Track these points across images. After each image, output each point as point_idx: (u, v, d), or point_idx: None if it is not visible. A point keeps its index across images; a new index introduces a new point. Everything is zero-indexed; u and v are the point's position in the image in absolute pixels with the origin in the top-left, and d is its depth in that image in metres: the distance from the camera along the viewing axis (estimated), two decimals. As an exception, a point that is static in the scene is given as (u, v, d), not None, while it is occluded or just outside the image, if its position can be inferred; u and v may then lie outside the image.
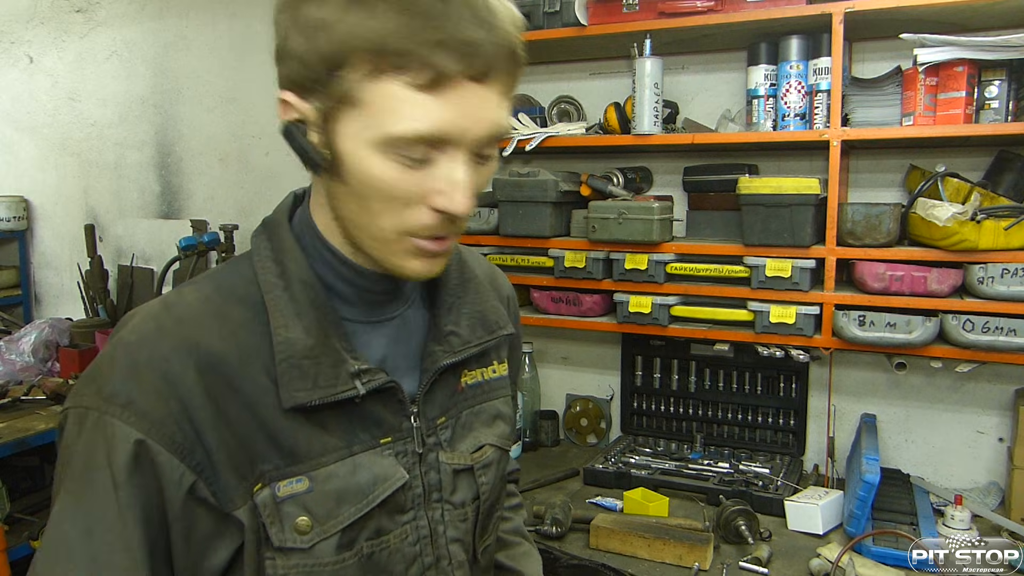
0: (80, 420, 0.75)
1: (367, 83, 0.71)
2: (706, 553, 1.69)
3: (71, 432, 0.75)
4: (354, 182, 0.75)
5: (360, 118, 0.73)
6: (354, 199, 0.76)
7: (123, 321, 0.81)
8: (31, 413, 2.78)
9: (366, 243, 0.80)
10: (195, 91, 3.30)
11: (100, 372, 0.76)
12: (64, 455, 0.76)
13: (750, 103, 2.05)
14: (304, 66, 0.78)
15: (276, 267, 0.83)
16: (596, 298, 2.17)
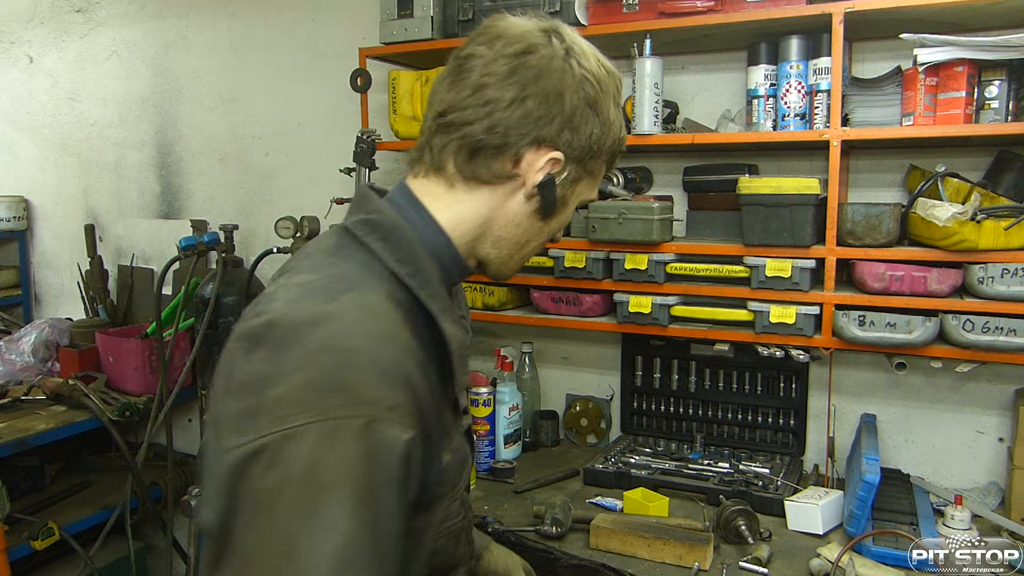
0: (335, 431, 0.74)
1: (601, 163, 1.04)
2: (706, 553, 1.69)
3: (319, 444, 0.73)
4: (555, 223, 1.05)
5: (588, 184, 1.05)
6: (539, 231, 1.04)
7: (309, 323, 0.80)
8: (31, 413, 2.78)
9: (513, 259, 1.05)
10: (195, 91, 3.30)
11: (345, 384, 0.76)
12: (319, 463, 0.73)
13: (750, 103, 2.05)
14: (591, 146, 0.99)
15: (408, 268, 0.92)
16: (596, 298, 2.17)
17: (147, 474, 2.88)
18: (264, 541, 0.74)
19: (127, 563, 2.90)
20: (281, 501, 0.73)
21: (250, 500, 0.75)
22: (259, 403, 0.77)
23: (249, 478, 0.75)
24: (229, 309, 2.77)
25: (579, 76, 0.95)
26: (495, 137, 0.94)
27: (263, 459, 0.74)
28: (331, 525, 0.73)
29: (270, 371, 0.78)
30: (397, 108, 2.39)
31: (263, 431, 0.75)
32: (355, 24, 2.81)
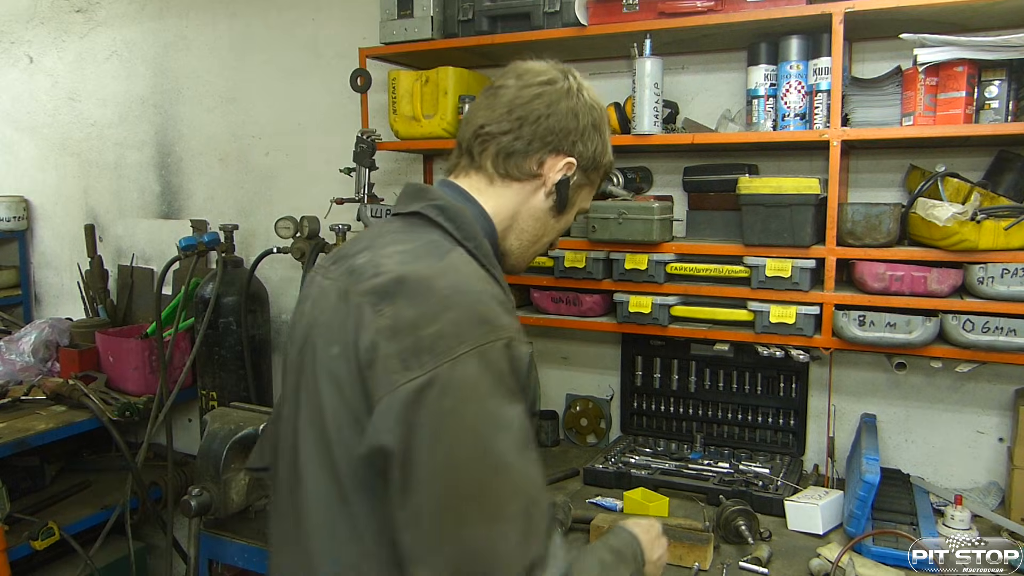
0: (487, 352, 0.96)
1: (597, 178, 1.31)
2: (706, 553, 1.69)
3: (479, 365, 0.95)
4: (563, 221, 1.30)
5: (588, 192, 1.32)
6: (552, 227, 1.29)
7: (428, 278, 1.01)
8: (31, 413, 2.78)
9: (530, 250, 1.29)
10: (195, 91, 3.30)
11: (481, 315, 0.99)
12: (483, 379, 0.95)
13: (750, 103, 2.05)
14: (595, 159, 1.26)
15: (472, 243, 1.13)
16: (596, 298, 2.17)
17: (147, 474, 2.88)
18: (458, 449, 0.93)
19: (127, 563, 2.90)
20: (463, 414, 0.93)
21: (430, 423, 0.92)
22: (417, 342, 0.95)
23: (425, 406, 0.92)
24: (229, 309, 2.77)
25: (588, 103, 1.24)
26: (525, 144, 1.20)
27: (435, 388, 0.92)
28: (507, 423, 0.95)
29: (417, 315, 0.97)
30: (397, 108, 2.39)
31: (430, 365, 0.93)
32: (355, 24, 2.81)
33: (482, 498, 0.92)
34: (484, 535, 0.92)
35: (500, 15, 2.24)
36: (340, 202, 2.52)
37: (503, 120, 1.20)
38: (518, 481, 0.95)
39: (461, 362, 0.94)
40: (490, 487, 0.93)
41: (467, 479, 0.92)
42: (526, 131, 1.19)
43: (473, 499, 0.92)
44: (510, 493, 0.94)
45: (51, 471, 3.06)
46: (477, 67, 2.49)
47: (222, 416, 1.94)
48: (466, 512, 0.92)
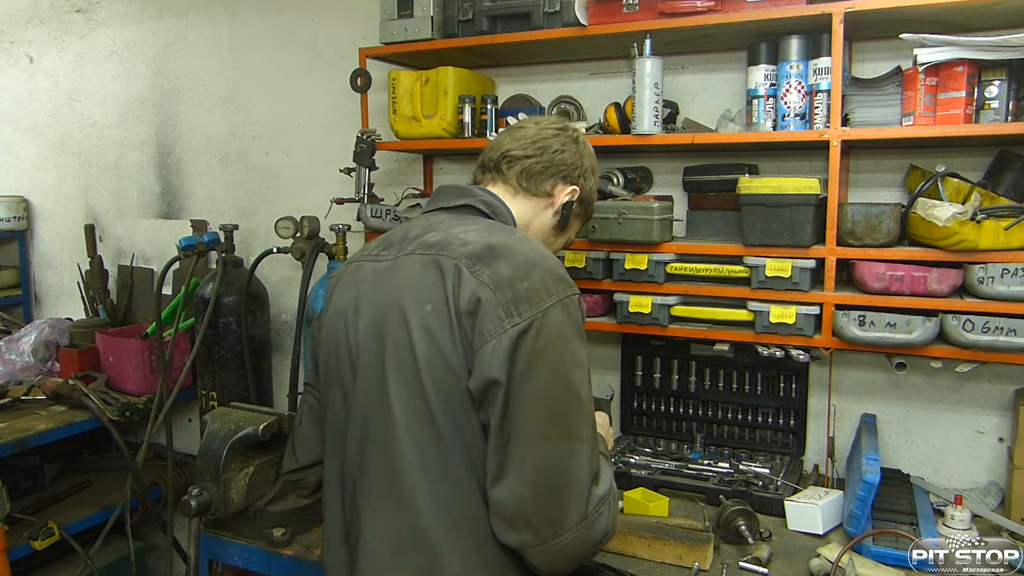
0: (567, 304, 1.23)
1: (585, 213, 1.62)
2: (706, 553, 1.69)
3: (562, 314, 1.21)
4: (560, 240, 1.58)
5: (578, 223, 1.62)
6: (551, 242, 1.56)
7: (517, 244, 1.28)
8: (31, 413, 2.78)
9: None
10: (195, 91, 3.30)
11: (559, 275, 1.26)
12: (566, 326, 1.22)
13: (750, 103, 2.05)
14: (590, 195, 1.58)
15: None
16: (596, 298, 2.17)
17: (147, 474, 2.88)
18: (545, 379, 1.17)
19: (127, 563, 2.90)
20: (551, 353, 1.18)
21: (530, 359, 1.17)
22: (516, 295, 1.20)
23: (524, 344, 1.17)
24: (229, 309, 2.77)
25: (590, 151, 1.58)
26: (543, 168, 1.49)
27: (533, 331, 1.18)
28: (580, 360, 1.23)
29: (512, 274, 1.22)
30: (397, 108, 2.39)
31: (528, 313, 1.19)
32: (355, 24, 2.81)
33: (563, 421, 1.18)
34: (562, 450, 1.17)
35: (500, 15, 2.24)
36: (340, 202, 2.52)
37: (527, 148, 1.49)
38: (588, 410, 1.22)
39: (551, 311, 1.20)
40: (570, 412, 1.19)
41: (554, 405, 1.17)
42: (545, 159, 1.49)
43: (556, 421, 1.17)
44: (583, 418, 1.21)
45: (51, 471, 3.06)
46: (477, 67, 2.49)
47: (222, 416, 1.94)
48: (550, 431, 1.17)
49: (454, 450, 1.22)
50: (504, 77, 2.58)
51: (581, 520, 1.18)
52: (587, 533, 1.19)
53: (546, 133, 1.52)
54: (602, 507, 1.20)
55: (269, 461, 1.95)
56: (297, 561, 1.85)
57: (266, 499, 1.92)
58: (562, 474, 1.17)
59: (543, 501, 1.16)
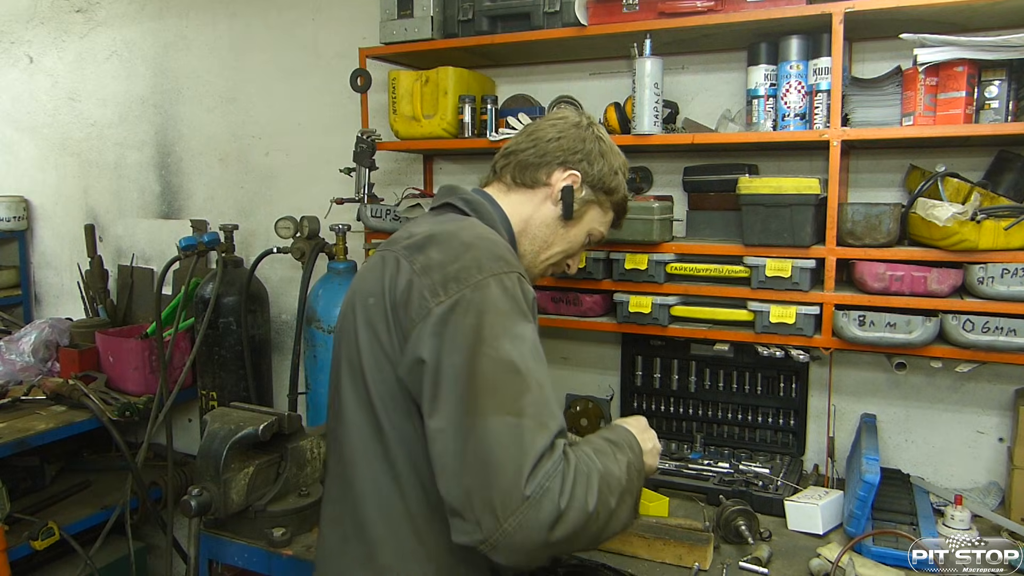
0: (503, 279, 1.17)
1: (610, 207, 1.53)
2: (706, 553, 1.69)
3: (496, 288, 1.16)
4: (571, 233, 1.49)
5: (598, 214, 1.52)
6: (560, 237, 1.48)
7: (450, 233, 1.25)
8: (31, 413, 2.78)
9: (540, 256, 1.48)
10: (195, 91, 3.30)
11: (498, 254, 1.21)
12: (501, 299, 1.15)
13: (750, 103, 2.05)
14: (599, 179, 1.47)
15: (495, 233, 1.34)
16: (596, 298, 2.17)
17: (147, 474, 2.88)
18: (474, 353, 1.10)
19: (127, 563, 2.90)
20: (481, 326, 1.12)
21: (456, 335, 1.12)
22: (445, 275, 1.17)
23: (452, 322, 1.13)
24: (229, 309, 2.77)
25: (596, 135, 1.48)
26: (538, 158, 1.44)
27: (461, 306, 1.13)
28: (521, 334, 1.15)
29: (445, 257, 1.19)
30: (397, 108, 2.39)
31: (456, 290, 1.15)
32: (355, 24, 2.81)
33: (498, 393, 1.09)
34: (496, 425, 1.07)
35: (500, 15, 2.24)
36: (340, 202, 2.52)
37: (523, 142, 1.47)
38: (530, 383, 1.12)
39: (482, 285, 1.15)
40: (505, 384, 1.10)
41: (486, 378, 1.09)
42: (539, 148, 1.44)
43: (490, 394, 1.08)
44: (522, 390, 1.10)
45: (51, 471, 3.06)
46: (477, 67, 2.49)
47: (222, 416, 1.94)
48: (485, 405, 1.08)
49: (395, 443, 1.22)
50: (504, 77, 2.58)
51: (522, 502, 1.03)
52: (534, 516, 1.03)
53: (545, 124, 1.48)
54: (549, 483, 1.05)
55: (269, 461, 1.95)
56: (297, 561, 1.85)
57: (266, 499, 1.92)
58: (497, 450, 1.06)
59: (480, 485, 1.05)
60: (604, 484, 1.13)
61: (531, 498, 1.04)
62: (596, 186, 1.47)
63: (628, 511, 1.20)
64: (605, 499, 1.12)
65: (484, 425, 1.07)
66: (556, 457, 1.08)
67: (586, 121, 1.49)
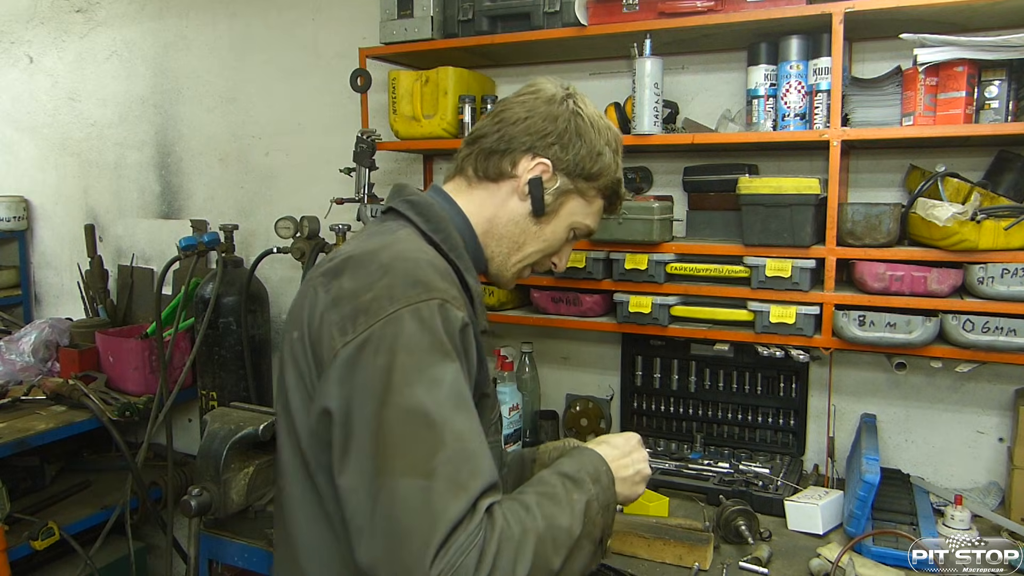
0: (419, 310, 0.99)
1: (596, 194, 1.30)
2: (706, 553, 1.69)
3: (411, 321, 0.98)
4: (547, 230, 1.28)
5: (579, 206, 1.29)
6: (535, 236, 1.28)
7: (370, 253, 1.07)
8: (31, 413, 2.78)
9: (510, 258, 1.28)
10: (195, 91, 3.30)
11: (416, 278, 1.03)
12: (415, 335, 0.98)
13: (750, 103, 2.05)
14: (576, 164, 1.24)
15: (440, 235, 1.17)
16: (596, 298, 2.17)
17: (147, 474, 2.88)
18: (388, 405, 0.94)
19: (127, 563, 2.90)
20: (395, 370, 0.95)
21: (365, 380, 0.96)
22: (355, 308, 1.00)
23: (363, 364, 0.97)
24: (229, 309, 2.77)
25: (572, 110, 1.24)
26: (502, 144, 1.23)
27: (371, 346, 0.97)
28: (438, 376, 0.97)
29: (358, 285, 1.02)
30: (397, 108, 2.39)
31: (365, 326, 0.98)
32: (355, 24, 2.81)
33: (408, 451, 0.93)
34: (408, 488, 0.91)
35: (500, 15, 2.24)
36: (340, 202, 2.52)
37: (487, 125, 1.26)
38: (445, 437, 0.94)
39: (393, 319, 0.98)
40: (415, 440, 0.93)
41: (394, 432, 0.94)
42: (503, 132, 1.23)
43: (399, 451, 0.93)
44: (435, 446, 0.93)
45: (51, 471, 3.06)
46: (477, 67, 2.49)
47: (222, 416, 1.94)
48: (393, 464, 0.92)
49: (329, 495, 1.06)
50: (504, 77, 2.58)
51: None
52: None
53: (513, 101, 1.26)
54: (463, 559, 0.89)
55: (269, 461, 1.95)
56: (297, 561, 1.85)
57: (266, 499, 1.92)
58: (404, 518, 0.91)
59: (387, 558, 0.91)
60: (543, 545, 0.97)
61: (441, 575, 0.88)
62: (573, 173, 1.25)
63: (584, 559, 1.05)
64: (544, 562, 0.97)
65: (392, 488, 0.92)
66: (474, 526, 0.91)
67: (562, 93, 1.25)
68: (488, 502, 0.94)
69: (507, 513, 0.96)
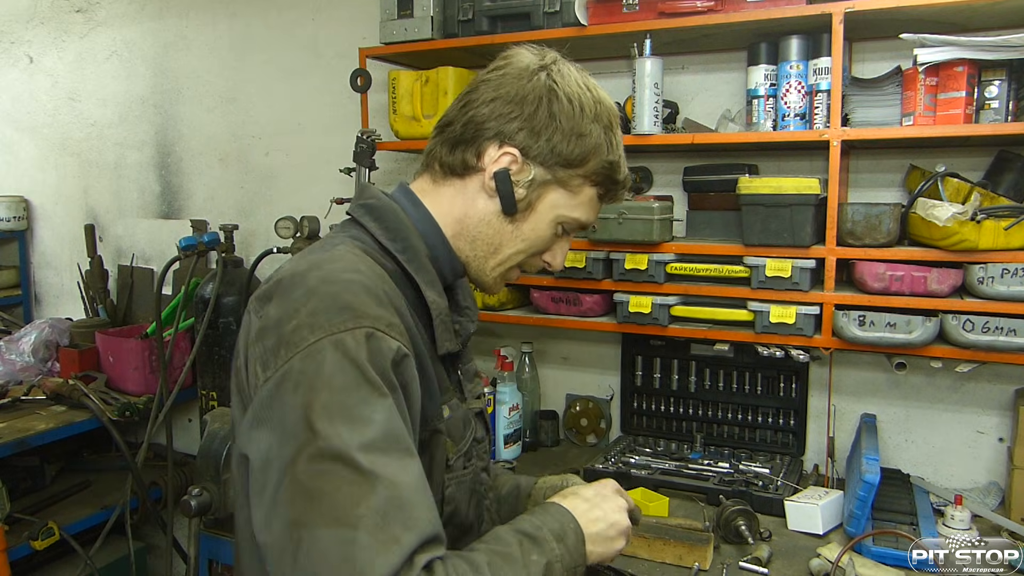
0: (343, 341, 0.86)
1: (583, 182, 1.09)
2: (706, 553, 1.69)
3: (334, 353, 0.86)
4: (526, 228, 1.09)
5: (562, 198, 1.09)
6: (512, 236, 1.10)
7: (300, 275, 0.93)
8: (31, 413, 2.78)
9: (488, 262, 1.11)
10: (195, 91, 3.30)
11: (343, 303, 0.89)
12: (338, 370, 0.85)
13: (750, 103, 2.05)
14: (551, 150, 1.05)
15: (398, 244, 1.05)
16: (596, 298, 2.17)
17: (147, 474, 2.88)
18: (306, 448, 0.82)
19: (127, 563, 2.90)
20: (314, 408, 0.83)
21: (285, 424, 0.84)
22: (278, 339, 0.89)
23: (279, 405, 0.86)
24: (229, 309, 2.77)
25: (546, 86, 1.04)
26: (467, 131, 1.06)
27: (289, 382, 0.86)
28: (365, 416, 0.84)
29: (282, 313, 0.90)
30: (397, 108, 2.39)
31: (284, 358, 0.87)
32: (355, 24, 2.81)
33: (328, 499, 0.81)
34: (329, 540, 0.80)
35: (500, 15, 2.25)
36: (340, 202, 2.52)
37: (453, 109, 1.09)
38: (375, 482, 0.82)
39: (313, 351, 0.86)
40: (337, 486, 0.81)
41: (317, 480, 0.82)
42: (468, 116, 1.06)
43: (318, 500, 0.81)
44: (362, 493, 0.81)
45: (51, 471, 3.06)
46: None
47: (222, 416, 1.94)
48: (312, 515, 0.81)
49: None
50: (504, 77, 2.58)
51: None
52: None
53: (483, 78, 1.08)
54: None
55: (269, 461, 1.95)
56: (297, 561, 1.85)
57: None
58: (324, 574, 0.80)
59: None
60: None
61: None
62: (549, 161, 1.05)
63: None
64: None
65: (312, 540, 0.81)
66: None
67: (536, 64, 1.06)
68: (427, 558, 0.82)
69: (451, 571, 0.84)
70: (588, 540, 1.03)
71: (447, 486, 1.07)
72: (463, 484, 1.10)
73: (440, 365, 1.08)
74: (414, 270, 1.04)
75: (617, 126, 1.11)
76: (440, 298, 1.07)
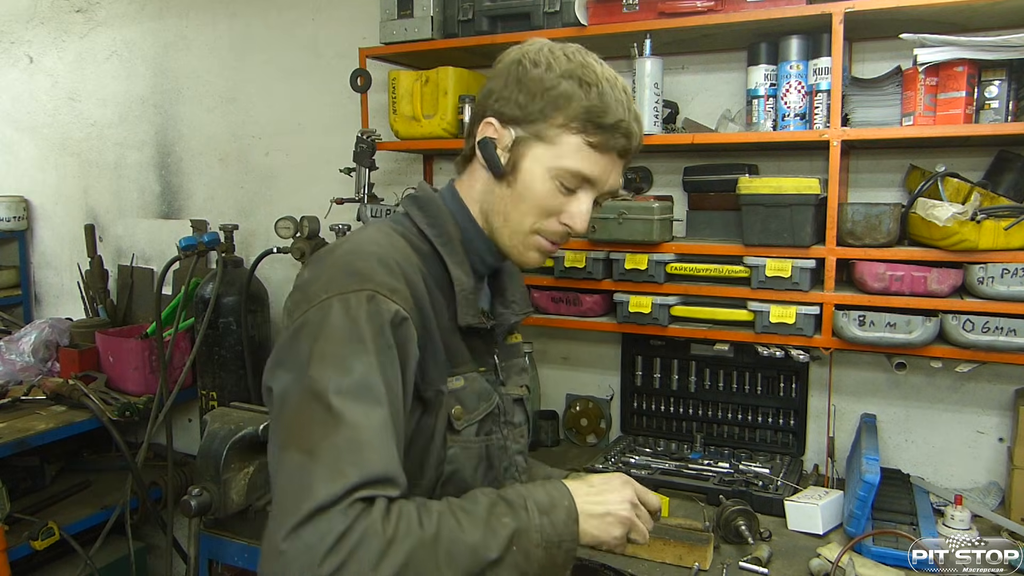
0: (348, 300, 1.00)
1: (561, 132, 1.12)
2: (706, 553, 1.69)
3: (340, 309, 1.00)
4: (521, 188, 1.15)
5: (543, 150, 1.13)
6: (512, 200, 1.16)
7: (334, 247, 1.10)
8: (31, 413, 2.78)
9: (504, 232, 1.19)
10: (195, 91, 3.30)
11: (354, 269, 1.04)
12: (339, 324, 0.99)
13: (750, 103, 2.05)
14: (521, 109, 1.13)
15: (434, 229, 1.18)
16: (596, 298, 2.17)
17: (147, 474, 2.88)
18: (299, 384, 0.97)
19: (127, 563, 2.90)
20: (314, 354, 0.98)
21: (293, 363, 0.99)
22: (303, 295, 1.05)
23: (294, 347, 1.00)
24: (229, 309, 2.77)
25: (515, 58, 1.16)
26: (471, 123, 1.21)
27: (304, 330, 1.00)
28: (347, 367, 0.96)
29: (311, 275, 1.07)
30: (397, 108, 2.39)
31: (303, 310, 1.02)
32: (355, 24, 2.81)
33: (302, 428, 0.95)
34: (291, 461, 0.93)
35: (500, 15, 2.25)
36: (340, 202, 2.52)
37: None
38: (340, 423, 0.93)
39: (323, 306, 1.01)
40: (311, 419, 0.95)
41: (297, 409, 0.96)
42: (471, 112, 1.24)
43: (295, 426, 0.96)
44: (328, 430, 0.93)
45: (51, 471, 3.06)
46: (477, 67, 2.49)
47: (222, 416, 1.94)
48: (287, 438, 0.96)
49: None
50: (504, 77, 2.58)
51: (276, 556, 0.87)
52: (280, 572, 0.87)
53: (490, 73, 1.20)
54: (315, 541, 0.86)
55: (269, 461, 1.95)
56: (297, 561, 1.85)
57: (266, 499, 1.92)
58: (280, 489, 0.93)
59: (270, 526, 0.91)
60: (426, 552, 0.91)
61: (285, 554, 0.86)
62: (521, 120, 1.12)
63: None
64: (422, 570, 0.91)
65: (281, 459, 0.94)
66: (338, 511, 0.88)
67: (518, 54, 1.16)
68: (369, 493, 0.91)
69: (394, 512, 0.92)
70: (583, 518, 1.08)
71: (450, 446, 1.14)
72: (470, 450, 1.17)
73: (459, 338, 1.17)
74: (445, 253, 1.17)
75: (599, 80, 1.12)
76: (467, 277, 1.17)
